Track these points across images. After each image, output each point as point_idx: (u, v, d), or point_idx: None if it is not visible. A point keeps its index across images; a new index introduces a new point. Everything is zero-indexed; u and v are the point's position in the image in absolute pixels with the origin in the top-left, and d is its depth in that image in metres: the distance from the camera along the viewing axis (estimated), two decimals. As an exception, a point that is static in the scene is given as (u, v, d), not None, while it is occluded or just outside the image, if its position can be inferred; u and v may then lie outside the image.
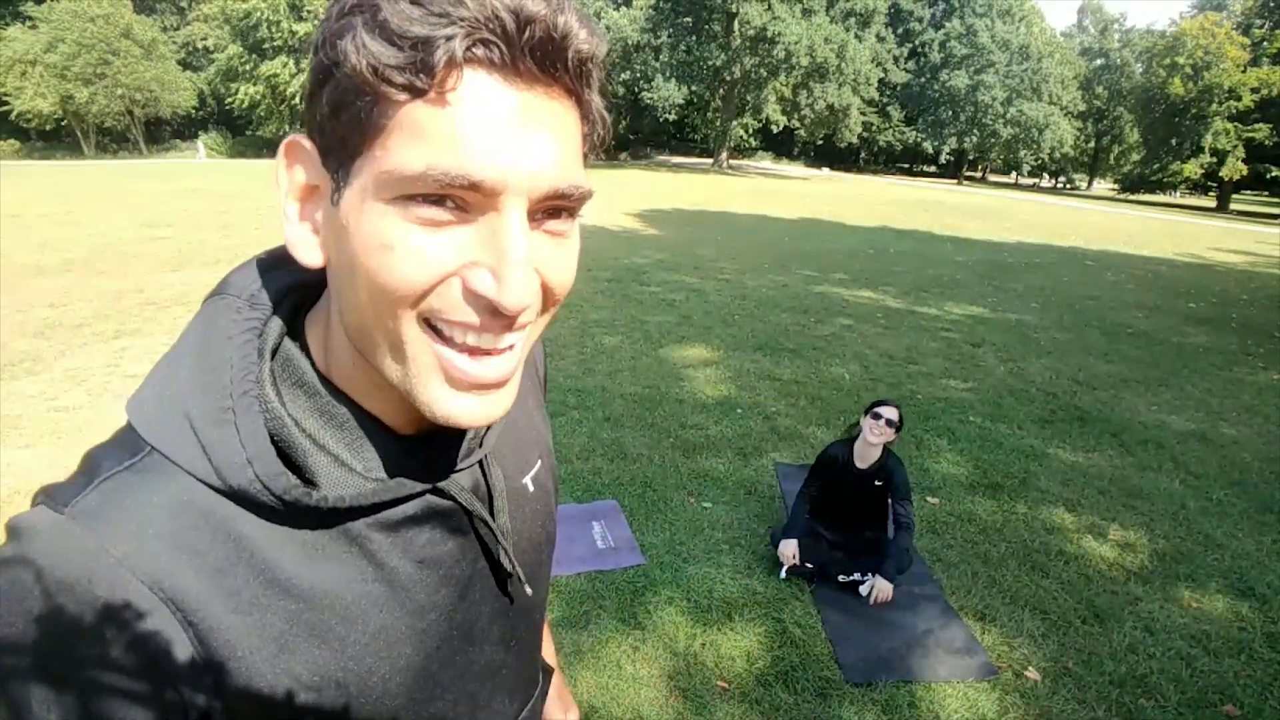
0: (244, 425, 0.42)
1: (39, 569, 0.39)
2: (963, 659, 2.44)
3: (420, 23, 0.34)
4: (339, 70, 0.36)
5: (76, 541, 0.39)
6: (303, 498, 0.43)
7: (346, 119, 0.37)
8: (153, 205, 14.16)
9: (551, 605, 2.59)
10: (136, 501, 0.41)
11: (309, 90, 0.39)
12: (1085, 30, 56.70)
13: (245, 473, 0.41)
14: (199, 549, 0.41)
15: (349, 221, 0.39)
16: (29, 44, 36.00)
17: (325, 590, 0.45)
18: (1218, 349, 6.96)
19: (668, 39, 34.22)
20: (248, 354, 0.43)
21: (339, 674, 0.46)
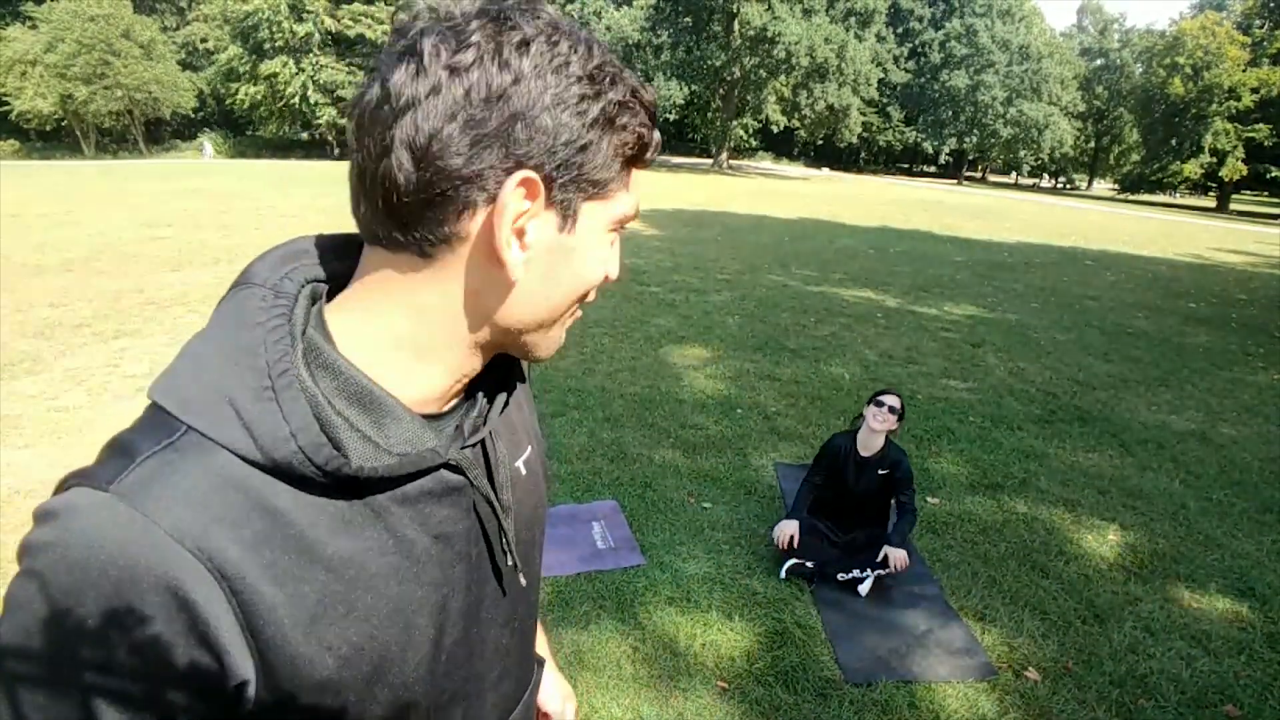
0: (285, 402, 0.45)
1: (89, 544, 0.41)
2: (963, 659, 2.43)
3: (650, 110, 0.52)
4: (614, 133, 0.49)
5: (125, 516, 0.41)
6: (342, 467, 0.46)
7: (606, 170, 0.49)
8: (152, 205, 14.16)
9: (551, 605, 2.59)
10: (179, 477, 0.43)
11: (577, 141, 0.47)
12: (1085, 30, 56.72)
13: (289, 445, 0.44)
14: (239, 522, 0.44)
15: (583, 244, 0.52)
16: (29, 44, 36.00)
17: (352, 561, 0.48)
18: (1218, 349, 6.96)
19: (668, 39, 34.23)
20: (281, 338, 0.46)
21: (365, 643, 0.49)
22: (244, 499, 0.44)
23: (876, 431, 2.88)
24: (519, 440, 0.66)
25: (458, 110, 0.44)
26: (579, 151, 0.47)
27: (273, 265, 0.51)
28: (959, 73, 44.83)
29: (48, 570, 0.42)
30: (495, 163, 0.45)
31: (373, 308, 0.50)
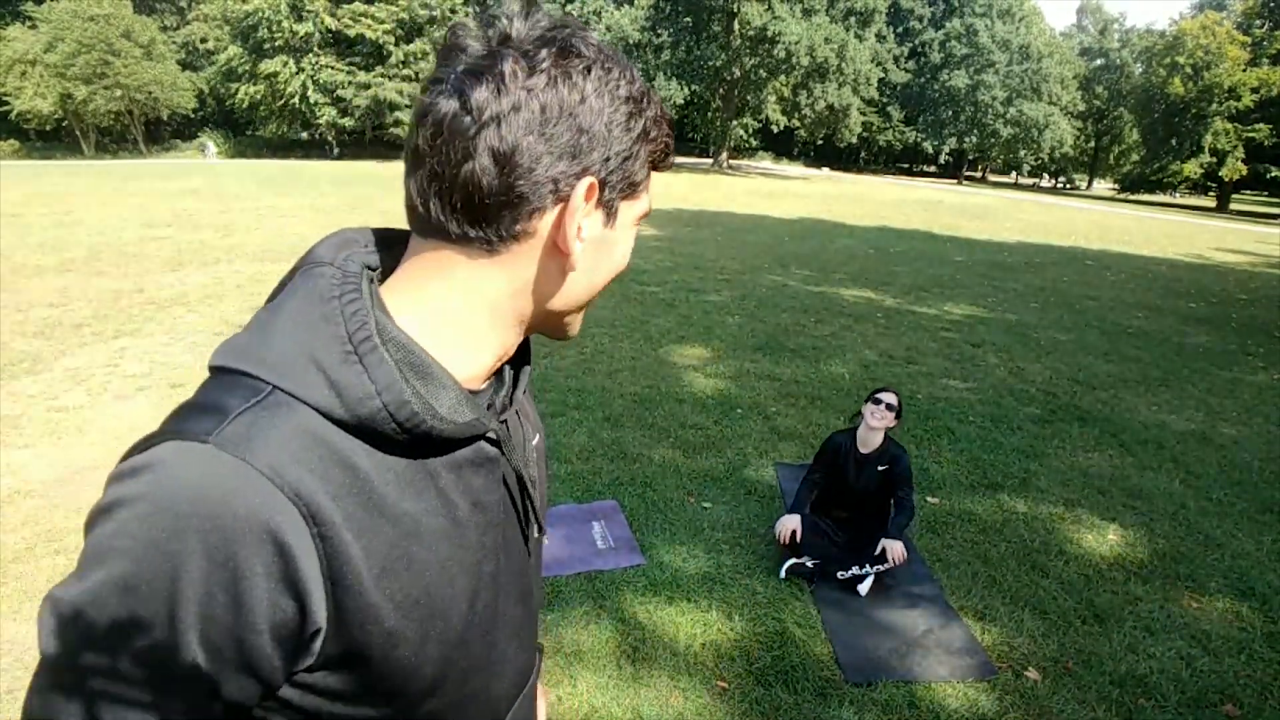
0: (370, 364, 0.50)
1: (192, 491, 0.44)
2: (962, 659, 2.43)
3: (671, 124, 0.61)
4: (649, 144, 0.58)
5: (228, 464, 0.45)
6: (420, 425, 0.50)
7: (640, 174, 0.58)
8: (152, 205, 14.16)
9: (551, 605, 2.59)
10: (273, 431, 0.47)
11: (625, 151, 0.55)
12: (1085, 30, 56.71)
13: (374, 403, 0.49)
14: (325, 474, 0.48)
15: (619, 237, 0.60)
16: (29, 44, 35.98)
17: (412, 518, 0.52)
18: (1218, 349, 6.96)
19: (668, 38, 34.22)
20: (358, 310, 0.51)
21: (420, 597, 0.53)
22: (328, 453, 0.48)
23: (875, 429, 2.92)
24: (534, 423, 0.73)
25: (535, 125, 0.51)
26: (626, 160, 0.56)
27: (332, 249, 0.56)
28: (959, 72, 44.81)
29: (147, 519, 0.44)
30: (566, 170, 0.53)
31: (429, 291, 0.56)
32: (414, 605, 0.53)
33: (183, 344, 5.41)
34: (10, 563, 2.70)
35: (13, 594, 2.52)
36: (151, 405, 4.24)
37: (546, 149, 0.52)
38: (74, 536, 2.88)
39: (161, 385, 4.55)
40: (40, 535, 2.88)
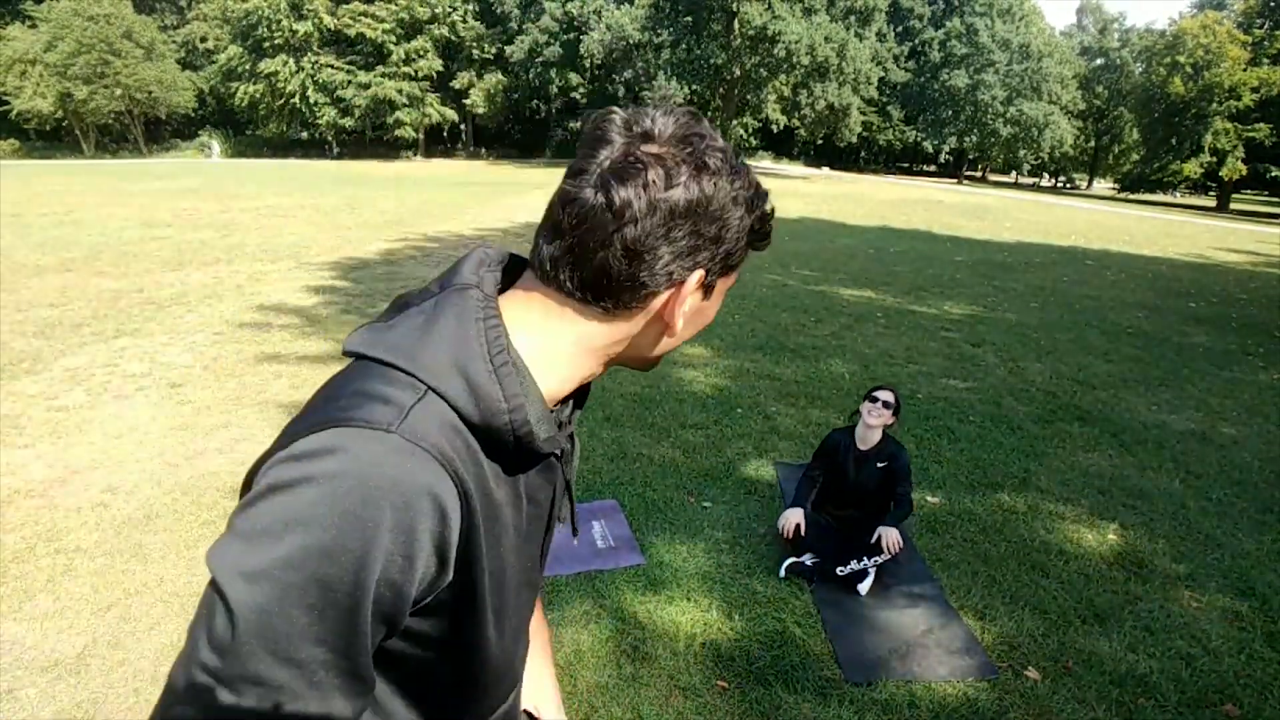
0: (504, 382, 0.60)
1: (384, 470, 0.53)
2: (962, 658, 2.43)
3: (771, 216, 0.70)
4: (754, 236, 0.68)
5: (409, 450, 0.54)
6: (530, 441, 0.61)
7: (739, 259, 0.68)
8: (152, 205, 14.15)
9: (551, 605, 2.59)
10: (436, 423, 0.57)
11: (733, 247, 0.66)
12: (1085, 30, 56.68)
13: (503, 415, 0.60)
14: (466, 462, 0.58)
15: (712, 304, 0.70)
16: (29, 43, 35.97)
17: (501, 507, 0.63)
18: (1218, 349, 6.96)
19: (668, 37, 34.20)
20: (498, 335, 0.62)
21: (497, 570, 0.64)
22: (464, 445, 0.59)
23: (873, 427, 2.94)
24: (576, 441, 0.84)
25: (665, 228, 0.60)
26: (734, 253, 0.67)
27: (473, 269, 0.66)
28: (959, 72, 44.77)
29: (348, 493, 0.52)
30: (685, 266, 0.63)
31: (543, 326, 0.66)
32: (493, 575, 0.63)
33: (182, 344, 5.41)
34: (10, 562, 2.70)
35: (13, 594, 2.52)
36: (151, 405, 4.24)
37: (670, 248, 0.62)
38: (74, 536, 2.88)
39: (161, 385, 4.55)
40: (40, 535, 2.88)
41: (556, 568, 2.81)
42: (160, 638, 2.34)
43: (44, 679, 2.15)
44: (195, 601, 2.52)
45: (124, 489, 3.26)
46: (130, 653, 2.27)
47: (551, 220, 0.63)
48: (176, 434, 3.83)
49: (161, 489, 3.27)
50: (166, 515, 3.07)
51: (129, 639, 2.33)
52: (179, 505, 3.14)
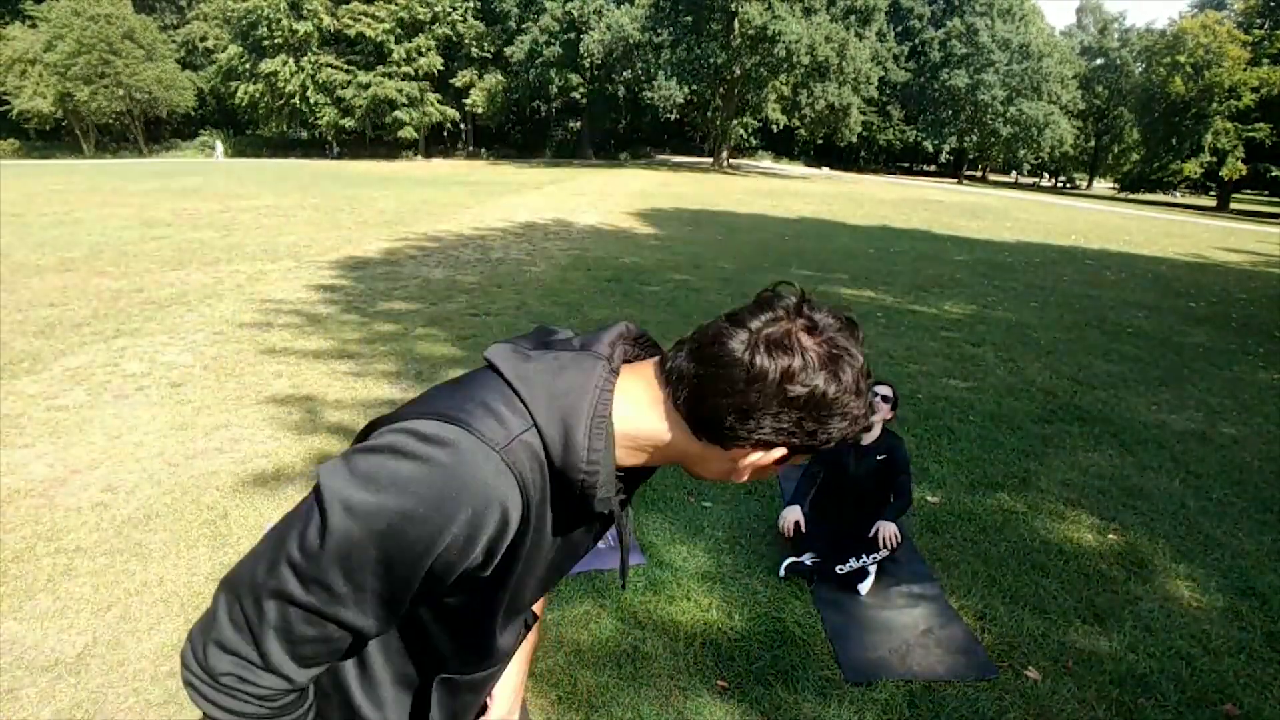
0: (594, 445, 0.72)
1: (476, 474, 0.67)
2: (962, 658, 2.43)
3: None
4: (847, 438, 0.77)
5: (500, 466, 0.69)
6: (590, 497, 0.74)
7: (818, 449, 0.77)
8: (152, 204, 14.16)
9: (551, 604, 2.59)
10: (527, 453, 0.71)
11: (827, 439, 0.76)
12: (1085, 30, 56.65)
13: (581, 470, 0.72)
14: (537, 492, 0.72)
15: (775, 466, 0.79)
16: (29, 43, 35.96)
17: (545, 536, 0.77)
18: (1218, 348, 6.96)
19: (668, 37, 34.17)
20: (606, 403, 0.73)
21: (524, 575, 0.80)
22: (542, 479, 0.72)
23: (872, 424, 2.93)
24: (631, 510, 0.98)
25: (780, 406, 0.71)
26: (818, 448, 0.76)
27: (610, 344, 0.79)
28: (959, 72, 44.74)
29: (445, 482, 0.66)
30: (777, 440, 0.73)
31: (642, 410, 0.76)
32: (518, 579, 0.79)
33: (182, 343, 5.41)
34: (10, 562, 2.70)
35: (13, 593, 2.52)
36: (151, 404, 4.24)
37: (774, 423, 0.72)
38: (74, 535, 2.88)
39: (161, 385, 4.55)
40: (40, 534, 2.88)
41: (556, 567, 2.81)
42: (160, 637, 2.34)
43: (44, 679, 2.15)
44: (196, 602, 2.53)
45: (124, 488, 3.26)
46: (130, 652, 2.27)
47: (698, 343, 0.74)
48: (176, 434, 3.83)
49: (161, 489, 3.27)
50: (166, 515, 3.07)
51: (129, 639, 2.33)
52: (179, 505, 3.14)
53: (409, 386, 4.64)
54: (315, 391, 4.50)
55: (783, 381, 0.69)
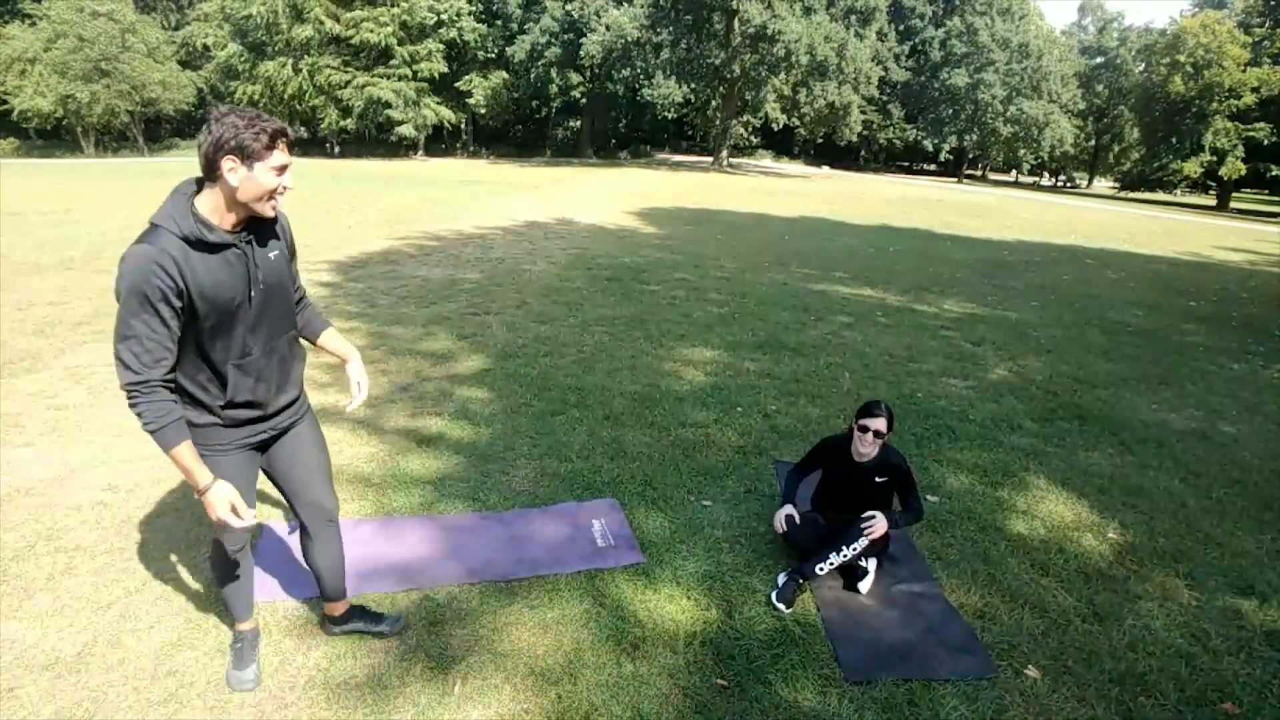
0: (184, 218, 1.68)
1: (139, 254, 1.63)
2: (962, 657, 2.44)
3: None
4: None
5: (151, 251, 1.63)
6: (205, 237, 1.69)
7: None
8: (152, 203, 14.12)
9: (551, 604, 2.59)
10: (163, 239, 1.65)
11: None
12: (1085, 29, 56.62)
13: (189, 225, 1.66)
14: (177, 254, 1.65)
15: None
16: (29, 42, 35.92)
17: (204, 270, 1.69)
18: (1218, 347, 6.96)
19: (668, 36, 34.14)
20: (185, 202, 1.72)
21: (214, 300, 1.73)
22: (179, 248, 1.65)
23: (864, 454, 2.81)
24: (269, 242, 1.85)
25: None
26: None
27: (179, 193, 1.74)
28: (959, 71, 44.70)
29: (131, 261, 1.62)
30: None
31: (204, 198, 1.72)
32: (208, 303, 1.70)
33: (183, 342, 5.40)
34: (10, 561, 2.71)
35: (13, 592, 2.53)
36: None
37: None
38: (74, 534, 2.88)
39: (161, 384, 4.55)
40: (40, 533, 2.88)
41: (556, 566, 2.81)
42: (160, 636, 2.34)
43: (44, 677, 2.15)
44: (196, 600, 2.53)
45: (124, 487, 3.26)
46: (130, 651, 2.27)
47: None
48: (176, 433, 3.82)
49: (162, 488, 3.27)
50: (167, 514, 3.07)
51: (129, 637, 2.33)
52: (179, 504, 3.14)
53: (409, 385, 4.65)
54: (315, 390, 4.50)
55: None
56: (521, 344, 5.61)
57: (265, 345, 1.84)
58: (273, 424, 1.97)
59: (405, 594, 2.62)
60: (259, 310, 1.80)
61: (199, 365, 1.76)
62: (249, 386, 1.82)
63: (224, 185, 1.65)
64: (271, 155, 1.66)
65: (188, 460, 1.72)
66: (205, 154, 1.63)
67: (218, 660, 2.25)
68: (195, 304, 1.65)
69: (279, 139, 1.67)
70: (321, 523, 2.16)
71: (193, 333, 1.70)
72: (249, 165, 1.63)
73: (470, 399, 4.47)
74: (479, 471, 3.55)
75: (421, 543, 2.93)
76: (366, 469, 3.51)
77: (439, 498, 3.30)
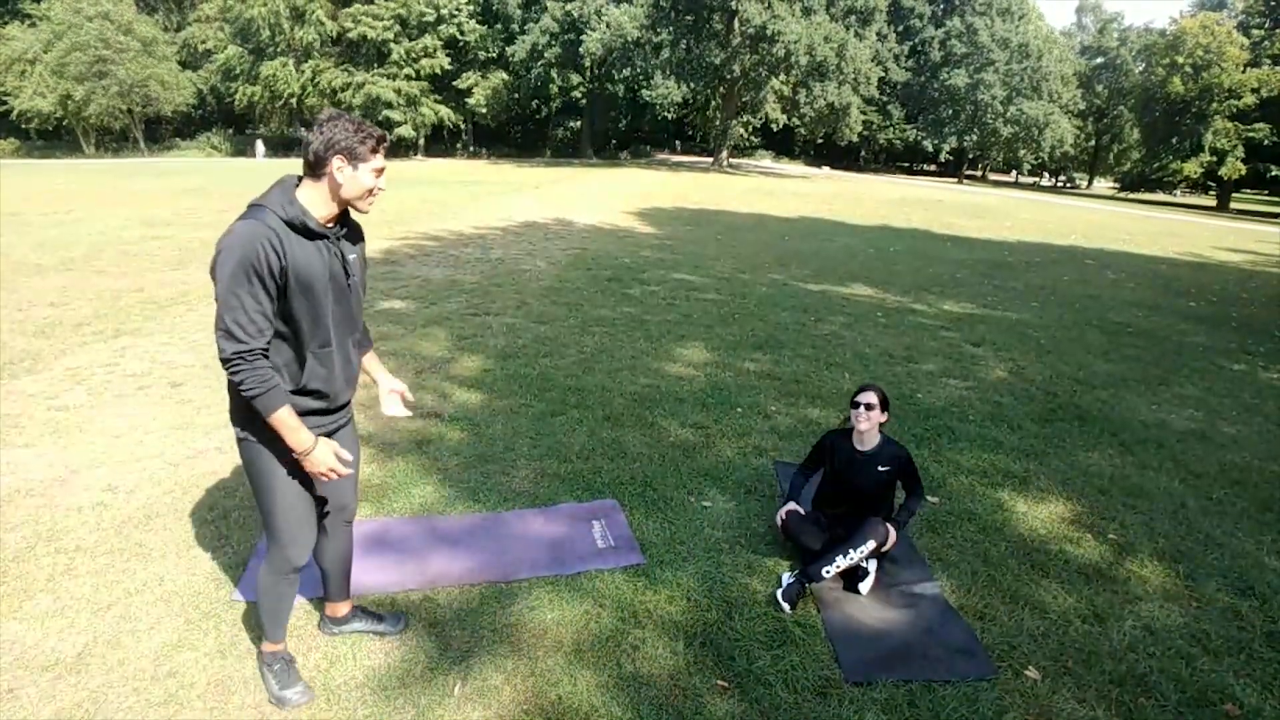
0: (293, 206, 1.81)
1: (248, 228, 1.72)
2: (962, 658, 2.43)
3: None
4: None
5: (251, 223, 1.73)
6: (309, 223, 1.79)
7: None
8: (153, 204, 14.15)
9: (551, 604, 2.59)
10: (269, 216, 1.75)
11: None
12: (1085, 29, 56.61)
13: (293, 210, 1.77)
14: (285, 235, 1.77)
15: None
16: (29, 42, 35.91)
17: (305, 255, 1.80)
18: (1218, 348, 6.96)
19: (668, 37, 34.15)
20: (289, 192, 1.83)
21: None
22: (282, 228, 1.74)
23: (862, 431, 2.89)
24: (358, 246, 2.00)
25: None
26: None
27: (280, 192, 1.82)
28: (959, 71, 44.72)
29: (238, 235, 1.70)
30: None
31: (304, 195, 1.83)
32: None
33: (183, 343, 5.41)
34: (10, 561, 2.71)
35: (13, 593, 2.53)
36: (152, 404, 4.24)
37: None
38: (74, 535, 2.88)
39: (162, 384, 4.55)
40: (40, 534, 2.88)
41: (556, 567, 2.81)
42: (160, 637, 2.34)
43: (44, 678, 2.15)
44: (197, 601, 2.54)
45: (124, 488, 3.26)
46: (130, 652, 2.27)
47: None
48: (177, 433, 3.83)
49: (162, 488, 3.27)
50: (167, 514, 3.07)
51: (129, 638, 2.33)
52: (179, 504, 3.14)
53: (408, 385, 4.64)
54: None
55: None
56: (521, 344, 5.61)
57: (340, 339, 1.92)
58: (333, 419, 2.02)
59: (405, 594, 2.62)
60: (342, 303, 1.90)
61: (280, 348, 1.83)
62: (322, 376, 1.89)
63: (330, 181, 1.78)
64: (374, 159, 1.81)
65: (290, 422, 1.80)
66: (315, 151, 1.75)
67: (218, 661, 2.25)
68: (291, 284, 1.75)
69: (381, 145, 1.83)
70: (340, 521, 2.20)
71: (283, 314, 1.79)
72: (354, 165, 1.78)
73: (470, 400, 4.47)
74: (479, 472, 3.55)
75: (422, 543, 2.93)
76: (367, 470, 3.51)
77: (439, 498, 3.30)
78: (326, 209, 1.83)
